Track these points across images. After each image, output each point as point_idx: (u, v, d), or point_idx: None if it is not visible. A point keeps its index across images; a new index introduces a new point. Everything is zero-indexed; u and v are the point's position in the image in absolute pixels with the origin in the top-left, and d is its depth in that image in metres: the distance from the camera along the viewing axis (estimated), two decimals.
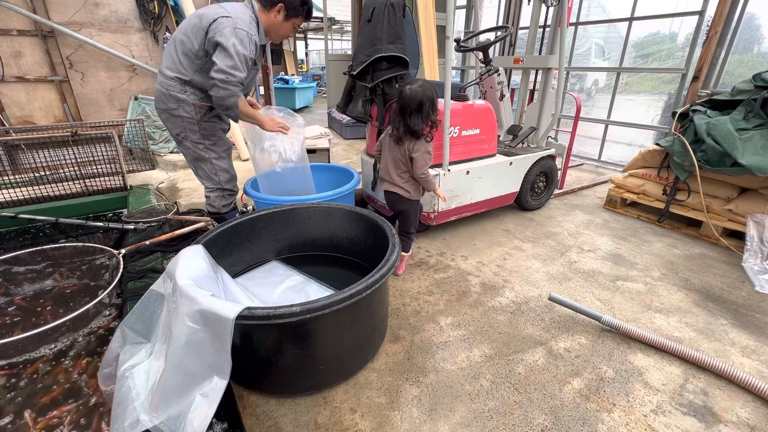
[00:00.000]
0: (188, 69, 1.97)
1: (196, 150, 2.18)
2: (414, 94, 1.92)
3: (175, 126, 2.11)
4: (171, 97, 2.01)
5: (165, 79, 2.01)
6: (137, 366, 1.35)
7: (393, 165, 2.12)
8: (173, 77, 1.99)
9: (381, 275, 1.36)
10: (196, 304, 1.18)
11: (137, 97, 5.04)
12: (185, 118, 2.07)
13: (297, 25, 2.14)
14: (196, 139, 2.14)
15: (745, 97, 2.58)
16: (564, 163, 3.53)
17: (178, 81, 2.00)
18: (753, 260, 2.38)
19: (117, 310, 2.03)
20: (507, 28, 3.10)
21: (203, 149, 2.18)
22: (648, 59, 6.31)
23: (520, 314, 1.96)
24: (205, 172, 2.27)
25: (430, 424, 1.36)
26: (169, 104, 2.04)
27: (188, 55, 1.96)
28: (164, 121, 2.14)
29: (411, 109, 1.93)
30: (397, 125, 2.02)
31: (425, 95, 1.93)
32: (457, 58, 6.59)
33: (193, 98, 2.03)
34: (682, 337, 1.82)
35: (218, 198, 2.35)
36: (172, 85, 2.00)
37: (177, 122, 2.09)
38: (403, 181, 2.13)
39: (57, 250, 2.44)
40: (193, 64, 1.97)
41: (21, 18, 4.20)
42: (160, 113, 2.11)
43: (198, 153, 2.19)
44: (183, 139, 2.15)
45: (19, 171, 3.98)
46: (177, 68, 1.98)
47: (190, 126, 2.10)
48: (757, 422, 1.38)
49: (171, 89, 2.00)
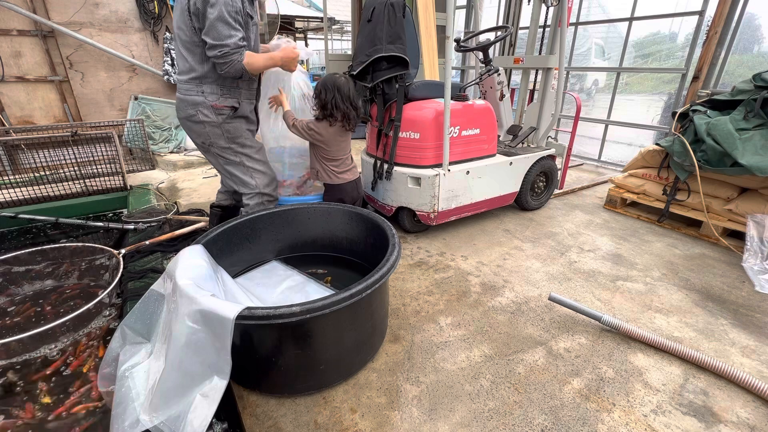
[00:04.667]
0: (196, 64, 1.85)
1: (224, 155, 2.02)
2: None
3: (199, 134, 1.97)
4: (188, 103, 1.90)
5: (182, 85, 1.91)
6: (137, 366, 1.35)
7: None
8: (187, 80, 1.89)
9: (381, 275, 1.36)
10: (196, 304, 1.18)
11: (137, 97, 5.04)
12: (206, 123, 1.93)
13: None
14: (224, 144, 1.99)
15: (745, 97, 2.58)
16: (564, 163, 3.53)
17: (194, 82, 1.88)
18: (753, 260, 2.38)
19: (117, 310, 2.03)
20: (507, 28, 3.10)
21: (232, 153, 2.03)
22: (648, 59, 6.31)
23: (520, 314, 1.96)
24: (239, 177, 2.08)
25: (430, 424, 1.36)
26: (187, 110, 1.92)
27: (189, 47, 1.83)
28: (187, 131, 2.01)
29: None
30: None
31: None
32: (457, 58, 6.59)
33: (212, 99, 1.90)
34: (682, 337, 1.82)
35: (258, 206, 2.12)
36: (188, 88, 1.89)
37: (199, 129, 1.95)
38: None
39: (57, 250, 2.44)
40: (197, 56, 1.84)
41: (21, 18, 4.20)
42: (181, 123, 1.99)
43: (227, 158, 2.04)
44: (209, 146, 2.00)
45: (19, 171, 3.98)
46: (188, 68, 1.87)
47: (214, 131, 1.95)
48: (757, 422, 1.38)
49: (188, 93, 1.89)
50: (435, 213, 2.61)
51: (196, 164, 4.78)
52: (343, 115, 2.14)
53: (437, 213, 2.61)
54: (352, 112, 2.16)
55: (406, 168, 2.58)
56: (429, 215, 2.62)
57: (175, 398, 1.21)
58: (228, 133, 1.99)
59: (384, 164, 2.66)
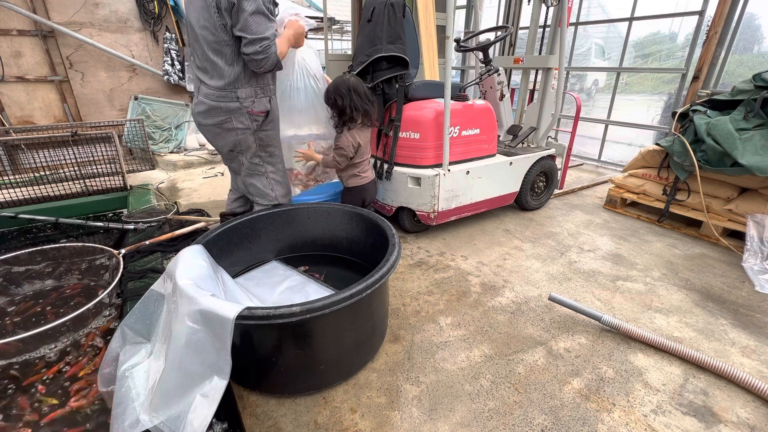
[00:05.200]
0: (226, 66, 1.71)
1: (251, 164, 1.94)
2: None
3: (228, 141, 1.86)
4: (222, 110, 1.77)
5: (211, 90, 1.75)
6: (137, 366, 1.35)
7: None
8: (220, 86, 1.74)
9: (381, 275, 1.36)
10: (196, 304, 1.18)
11: (137, 97, 5.04)
12: (240, 129, 1.82)
13: None
14: (255, 152, 1.91)
15: (745, 97, 2.58)
16: (564, 163, 3.53)
17: (228, 89, 1.74)
18: (753, 260, 2.38)
19: (117, 310, 2.03)
20: (507, 28, 3.10)
21: (260, 162, 1.95)
22: (648, 59, 6.31)
23: (520, 314, 1.96)
24: (259, 188, 2.03)
25: (430, 424, 1.36)
26: (218, 117, 1.78)
27: (217, 48, 1.68)
28: (212, 137, 1.88)
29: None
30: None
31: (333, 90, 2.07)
32: (457, 58, 6.59)
33: (248, 104, 1.78)
34: (682, 337, 1.82)
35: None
36: (221, 95, 1.75)
37: (230, 136, 1.84)
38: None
39: (57, 251, 2.44)
40: (227, 57, 1.70)
41: (21, 18, 4.20)
42: (206, 129, 1.85)
43: (254, 167, 1.96)
44: (239, 153, 1.91)
45: (19, 171, 3.98)
46: (218, 73, 1.72)
47: (246, 138, 1.85)
48: (757, 422, 1.38)
49: (221, 100, 1.75)
50: (435, 213, 2.61)
51: (196, 164, 4.79)
52: (364, 113, 2.10)
53: (437, 213, 2.61)
54: (371, 108, 2.13)
55: (406, 168, 2.58)
56: (429, 215, 2.62)
57: (175, 398, 1.21)
58: (261, 141, 1.91)
59: (384, 164, 2.66)
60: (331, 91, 2.08)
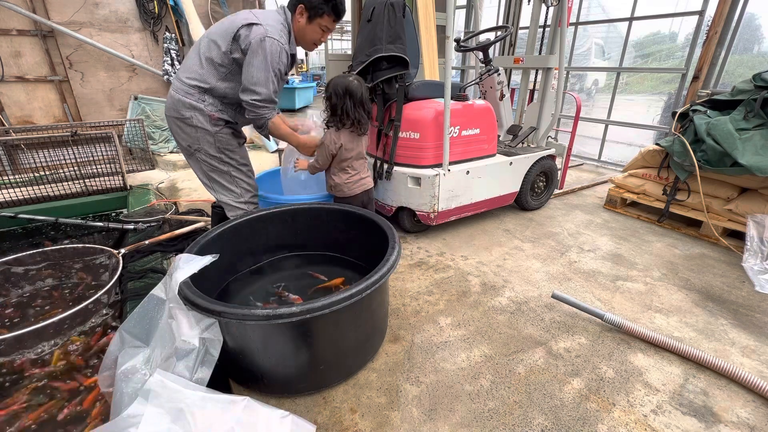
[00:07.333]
0: (211, 76, 1.83)
1: (211, 163, 1.99)
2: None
3: (187, 137, 1.92)
4: (185, 105, 1.85)
5: (182, 86, 1.85)
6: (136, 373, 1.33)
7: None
8: (193, 85, 1.84)
9: (381, 275, 1.36)
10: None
11: (137, 97, 5.04)
12: (199, 128, 1.89)
13: (324, 26, 1.92)
14: (213, 152, 1.96)
15: (745, 97, 2.58)
16: (564, 163, 3.53)
17: (198, 89, 1.85)
18: (753, 260, 2.38)
19: (117, 310, 2.03)
20: (507, 28, 3.10)
21: (220, 162, 2.00)
22: (648, 59, 6.31)
23: (520, 314, 1.96)
24: (223, 185, 2.07)
25: (430, 424, 1.36)
26: (182, 112, 1.86)
27: (213, 61, 1.82)
28: (174, 131, 1.95)
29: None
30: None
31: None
32: (457, 58, 6.59)
33: (210, 109, 1.87)
34: (682, 337, 1.82)
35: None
36: (190, 92, 1.84)
37: (190, 132, 1.90)
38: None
39: (57, 251, 2.44)
40: (217, 72, 1.83)
41: (21, 18, 4.20)
42: (170, 121, 1.93)
43: (214, 166, 2.01)
44: (195, 151, 1.96)
45: (19, 171, 3.98)
46: (198, 75, 1.84)
47: (205, 137, 1.91)
48: (757, 422, 1.38)
49: (188, 96, 1.84)
50: (435, 213, 2.61)
51: None
52: (353, 121, 2.04)
53: (437, 213, 2.61)
54: (364, 118, 2.07)
55: (406, 168, 2.58)
56: (429, 215, 2.62)
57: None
58: (219, 142, 1.96)
59: (384, 164, 2.66)
60: (330, 86, 2.05)
